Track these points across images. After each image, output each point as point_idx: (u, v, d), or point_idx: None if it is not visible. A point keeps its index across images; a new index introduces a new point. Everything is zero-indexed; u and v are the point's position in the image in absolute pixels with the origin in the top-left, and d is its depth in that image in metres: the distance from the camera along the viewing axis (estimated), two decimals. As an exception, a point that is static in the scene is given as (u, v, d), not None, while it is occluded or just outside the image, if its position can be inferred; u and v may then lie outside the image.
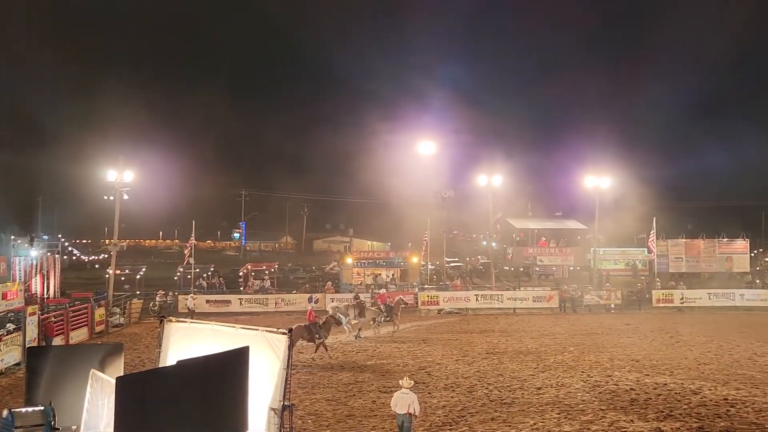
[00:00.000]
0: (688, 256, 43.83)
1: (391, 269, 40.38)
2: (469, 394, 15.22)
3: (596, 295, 35.15)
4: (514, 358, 19.98)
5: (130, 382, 6.89)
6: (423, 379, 16.87)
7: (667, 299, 34.79)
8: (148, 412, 6.47)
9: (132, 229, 66.12)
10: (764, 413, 13.25)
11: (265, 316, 30.84)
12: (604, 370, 17.92)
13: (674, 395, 14.83)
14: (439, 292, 35.57)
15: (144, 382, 7.08)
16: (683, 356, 20.04)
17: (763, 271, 48.56)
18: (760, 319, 29.95)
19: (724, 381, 16.33)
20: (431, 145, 41.21)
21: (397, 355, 20.69)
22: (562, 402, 14.32)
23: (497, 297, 34.53)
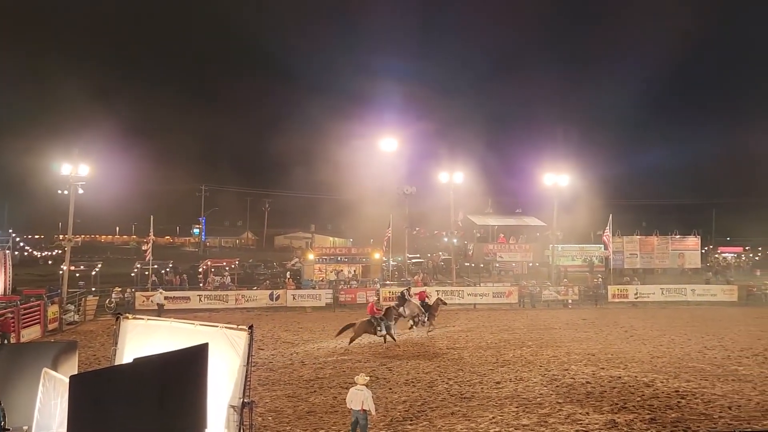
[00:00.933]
0: (642, 253, 45.19)
1: (353, 265, 40.38)
2: (429, 388, 15.34)
3: (554, 291, 35.83)
4: (474, 353, 20.22)
5: (85, 380, 6.73)
6: (384, 374, 16.94)
7: (622, 294, 35.69)
8: (103, 411, 6.33)
9: (87, 224, 64.45)
10: (712, 404, 13.74)
11: (225, 313, 30.47)
12: (562, 364, 18.30)
13: (628, 388, 15.24)
14: (401, 288, 35.70)
15: (99, 380, 6.92)
16: (637, 350, 20.59)
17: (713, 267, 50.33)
18: (710, 314, 31.01)
19: (676, 374, 16.85)
20: (393, 141, 41.32)
21: (358, 351, 20.69)
22: (521, 396, 14.57)
23: (458, 293, 34.85)
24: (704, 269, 47.57)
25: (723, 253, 66.44)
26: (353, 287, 35.95)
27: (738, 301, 35.54)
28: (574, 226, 47.87)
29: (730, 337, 23.28)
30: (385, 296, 34.15)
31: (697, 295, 36.00)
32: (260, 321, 27.48)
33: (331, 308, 33.07)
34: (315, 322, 28.31)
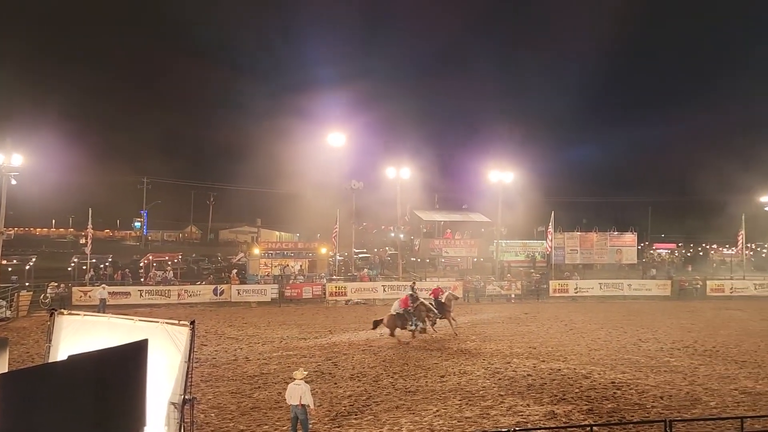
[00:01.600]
0: (582, 249, 46.62)
1: (299, 260, 40.10)
2: (374, 383, 15.40)
3: (498, 286, 36.56)
4: (419, 347, 20.41)
5: (16, 379, 6.43)
6: (329, 369, 16.90)
7: (563, 289, 36.74)
8: (36, 410, 6.06)
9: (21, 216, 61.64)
10: (646, 394, 14.32)
11: (167, 308, 29.79)
12: (504, 357, 18.70)
13: (567, 380, 15.71)
14: (347, 283, 35.72)
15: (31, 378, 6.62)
16: (576, 343, 21.24)
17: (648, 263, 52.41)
18: (645, 308, 32.29)
19: (612, 365, 17.47)
20: (340, 136, 41.20)
21: (303, 346, 20.59)
22: (464, 389, 14.80)
23: (404, 287, 35.06)
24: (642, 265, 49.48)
25: (657, 249, 69.32)
26: (299, 282, 35.72)
27: (671, 295, 37.14)
28: (517, 222, 49.00)
29: (663, 330, 24.31)
30: (332, 291, 34.11)
31: (633, 290, 37.41)
32: (203, 316, 26.98)
33: (277, 303, 32.77)
34: (260, 317, 27.99)
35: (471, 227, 50.27)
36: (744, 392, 14.58)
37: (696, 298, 36.54)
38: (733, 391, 14.64)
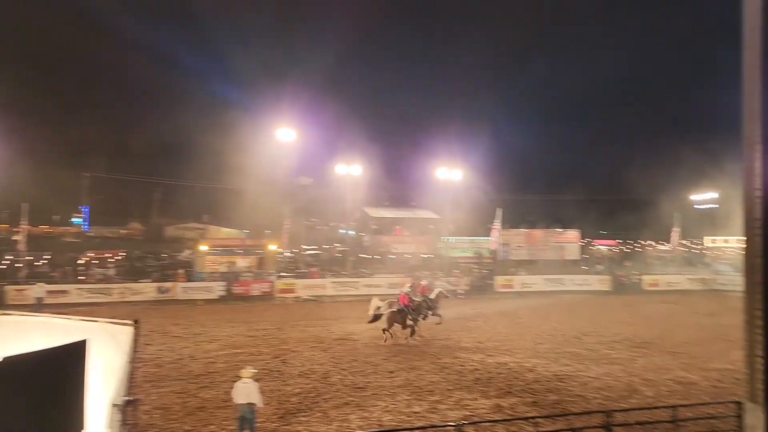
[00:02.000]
0: (527, 245, 47.69)
1: (247, 257, 39.58)
2: (323, 380, 15.39)
3: (446, 282, 36.99)
4: (369, 343, 20.50)
5: (-56, 383, 6.13)
6: (278, 367, 16.78)
7: (508, 285, 37.53)
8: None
9: (-52, 211, 58.47)
10: (587, 386, 14.81)
11: (108, 307, 28.90)
12: (452, 352, 18.98)
13: (513, 373, 16.08)
14: (297, 279, 35.50)
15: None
16: (522, 337, 21.76)
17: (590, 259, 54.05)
18: (587, 302, 33.35)
19: (556, 359, 17.99)
20: (290, 132, 40.80)
21: (251, 344, 20.36)
22: (413, 384, 14.96)
23: (353, 284, 35.18)
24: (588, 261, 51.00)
25: (598, 245, 71.55)
26: (248, 279, 35.27)
27: (610, 289, 38.46)
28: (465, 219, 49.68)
29: (603, 323, 25.17)
30: (281, 288, 33.81)
31: (576, 285, 38.58)
32: (147, 315, 26.23)
33: (225, 301, 32.27)
34: (207, 315, 27.53)
35: (420, 224, 50.74)
36: (678, 382, 15.27)
37: (634, 293, 37.97)
38: (667, 381, 15.31)
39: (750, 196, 4.15)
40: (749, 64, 4.17)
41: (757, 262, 4.14)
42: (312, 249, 48.08)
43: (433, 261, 47.29)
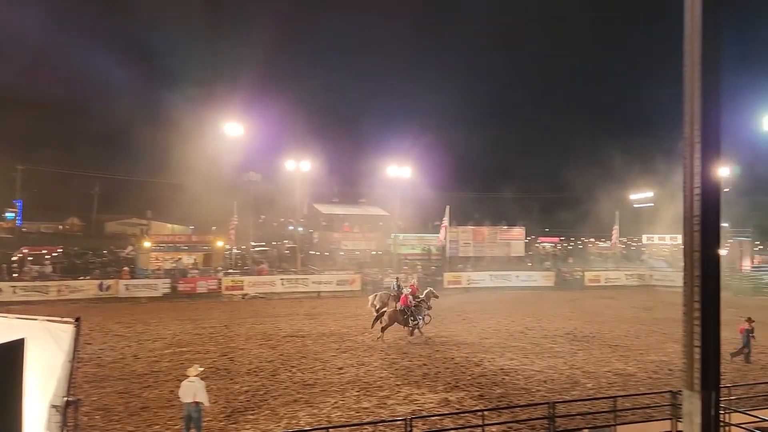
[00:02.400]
0: (474, 242, 48.43)
1: (193, 253, 38.80)
2: (272, 377, 15.26)
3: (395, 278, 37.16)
4: (318, 340, 20.43)
5: None
6: (225, 365, 16.54)
7: (456, 281, 38.05)
8: None
9: None
10: (531, 379, 15.20)
11: (45, 305, 27.79)
12: (401, 347, 19.13)
13: (460, 368, 16.34)
14: (244, 276, 35.02)
15: None
16: (468, 332, 22.12)
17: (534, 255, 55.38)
18: (531, 298, 34.18)
19: (501, 353, 18.38)
20: (238, 126, 40.14)
21: (198, 342, 19.99)
22: (362, 380, 15.01)
23: (302, 281, 34.96)
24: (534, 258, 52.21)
25: (542, 242, 73.39)
26: (194, 276, 34.55)
27: (554, 285, 39.52)
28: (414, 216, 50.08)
29: (547, 318, 25.85)
30: (228, 285, 33.28)
31: (521, 281, 39.45)
32: (87, 313, 25.33)
33: (169, 298, 31.53)
34: (150, 313, 26.83)
35: (369, 221, 50.83)
36: (616, 374, 15.85)
37: (576, 288, 39.13)
38: (607, 373, 15.88)
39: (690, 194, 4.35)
40: (689, 68, 4.37)
41: (696, 257, 4.34)
42: (260, 246, 47.52)
43: (383, 258, 47.50)
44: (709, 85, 4.27)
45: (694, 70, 4.32)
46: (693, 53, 4.34)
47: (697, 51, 4.29)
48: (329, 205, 52.44)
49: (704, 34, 4.25)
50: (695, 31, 4.31)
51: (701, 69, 4.27)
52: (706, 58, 4.26)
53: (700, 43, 4.26)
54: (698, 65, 4.29)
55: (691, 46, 4.36)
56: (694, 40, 4.32)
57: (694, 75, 4.31)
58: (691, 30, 4.34)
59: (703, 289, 4.29)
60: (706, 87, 4.26)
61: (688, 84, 4.36)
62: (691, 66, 4.35)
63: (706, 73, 4.27)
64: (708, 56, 4.28)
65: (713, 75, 4.29)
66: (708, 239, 4.31)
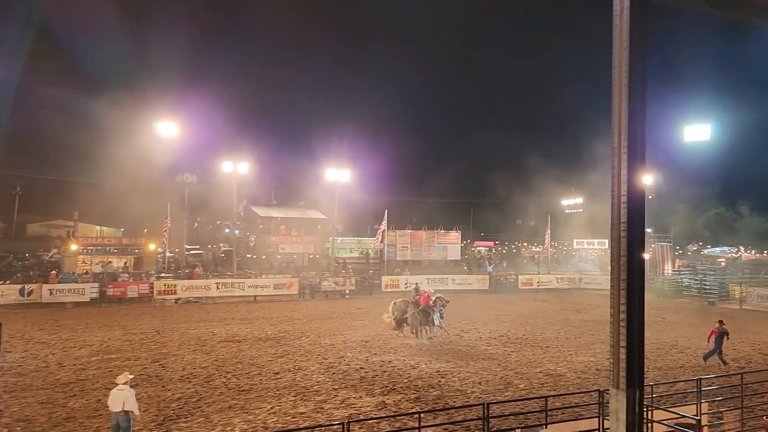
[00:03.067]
0: (412, 245, 49.00)
1: (123, 257, 37.44)
2: (206, 383, 14.92)
3: (333, 282, 37.14)
4: (254, 344, 20.13)
5: None
6: (157, 372, 16.05)
7: (394, 284, 38.27)
8: None
9: None
10: (466, 381, 15.49)
11: (-40, 312, 26.15)
12: (338, 352, 19.09)
13: (397, 371, 16.47)
14: (177, 280, 34.06)
15: None
16: (406, 336, 22.26)
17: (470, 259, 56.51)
18: (467, 300, 34.75)
19: (437, 356, 18.63)
20: (172, 126, 39.02)
21: (128, 349, 19.30)
22: (299, 384, 14.89)
23: (238, 285, 34.33)
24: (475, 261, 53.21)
25: (478, 246, 74.97)
26: (124, 280, 33.32)
27: (489, 288, 40.38)
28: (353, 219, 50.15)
29: (481, 321, 26.40)
30: (160, 289, 32.29)
31: (457, 284, 40.08)
32: (7, 320, 23.85)
33: (97, 303, 30.29)
34: (77, 319, 25.71)
35: (307, 224, 50.49)
36: (547, 374, 16.37)
37: (510, 291, 40.11)
38: (538, 374, 16.38)
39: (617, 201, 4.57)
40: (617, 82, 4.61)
41: (623, 261, 4.56)
42: (195, 249, 46.37)
43: (320, 261, 47.29)
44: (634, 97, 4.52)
45: (621, 83, 4.56)
46: (620, 68, 4.58)
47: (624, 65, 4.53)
48: (267, 208, 51.77)
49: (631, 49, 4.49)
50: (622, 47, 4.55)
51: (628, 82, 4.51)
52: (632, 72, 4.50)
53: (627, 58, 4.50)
54: (625, 79, 4.53)
55: (619, 61, 4.59)
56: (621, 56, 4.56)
57: (621, 88, 4.55)
58: (619, 46, 4.58)
59: (628, 292, 4.51)
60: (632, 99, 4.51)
61: (616, 96, 4.59)
62: (619, 79, 4.59)
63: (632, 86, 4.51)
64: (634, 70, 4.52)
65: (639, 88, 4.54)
66: (633, 244, 4.54)
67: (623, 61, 4.50)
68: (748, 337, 22.79)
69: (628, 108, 4.47)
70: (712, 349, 17.72)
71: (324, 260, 46.32)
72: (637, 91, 4.52)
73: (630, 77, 4.47)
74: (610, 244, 4.72)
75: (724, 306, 33.66)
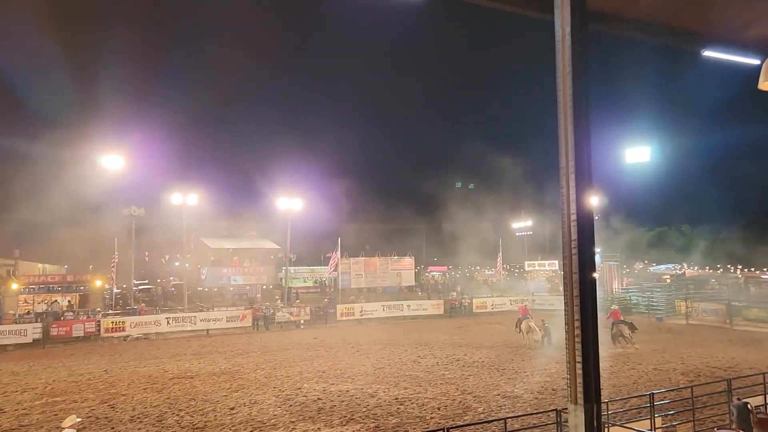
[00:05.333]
0: (366, 273, 48.91)
1: (68, 294, 36.02)
2: (158, 423, 14.38)
3: (287, 312, 36.61)
4: (207, 380, 19.57)
5: None
6: (106, 413, 15.38)
7: (349, 313, 38.01)
8: None
9: None
10: (425, 407, 15.43)
11: None
12: (295, 383, 18.75)
13: (355, 400, 16.27)
14: (126, 317, 32.91)
15: None
16: (362, 364, 22.10)
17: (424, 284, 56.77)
18: (423, 326, 34.85)
19: (395, 383, 18.52)
20: (117, 159, 38.12)
21: (74, 390, 18.45)
22: (255, 419, 14.52)
23: (190, 319, 33.41)
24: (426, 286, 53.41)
25: (432, 271, 75.44)
26: (68, 319, 31.98)
27: (443, 313, 40.54)
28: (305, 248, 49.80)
29: (438, 345, 26.43)
30: (108, 327, 31.10)
31: (412, 310, 40.12)
32: (-59, 366, 22.77)
33: (41, 344, 28.93)
34: (18, 361, 24.47)
35: (260, 254, 49.87)
36: (505, 396, 16.47)
37: (464, 315, 40.37)
38: (496, 396, 16.45)
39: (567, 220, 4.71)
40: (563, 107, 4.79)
41: (575, 278, 4.69)
42: (144, 284, 45.05)
43: (274, 292, 46.64)
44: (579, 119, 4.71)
45: (566, 105, 4.74)
46: (564, 91, 4.77)
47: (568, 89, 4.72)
48: (218, 240, 50.92)
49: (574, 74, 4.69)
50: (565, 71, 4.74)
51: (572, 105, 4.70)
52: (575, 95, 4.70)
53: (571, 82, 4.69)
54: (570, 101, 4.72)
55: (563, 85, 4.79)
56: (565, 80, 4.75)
57: (566, 110, 4.73)
58: (562, 71, 4.78)
59: (582, 308, 4.63)
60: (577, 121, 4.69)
61: (562, 118, 4.77)
62: (564, 102, 4.77)
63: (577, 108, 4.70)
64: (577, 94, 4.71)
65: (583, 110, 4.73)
66: (584, 261, 4.68)
67: (567, 84, 4.69)
68: (695, 351, 23.55)
69: (573, 130, 4.65)
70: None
71: (278, 290, 45.72)
72: (581, 114, 4.71)
73: (574, 100, 4.66)
74: (562, 261, 4.84)
75: (671, 321, 34.74)
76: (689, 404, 12.72)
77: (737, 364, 20.60)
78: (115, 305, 36.52)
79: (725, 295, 38.36)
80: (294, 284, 46.63)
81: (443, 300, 42.66)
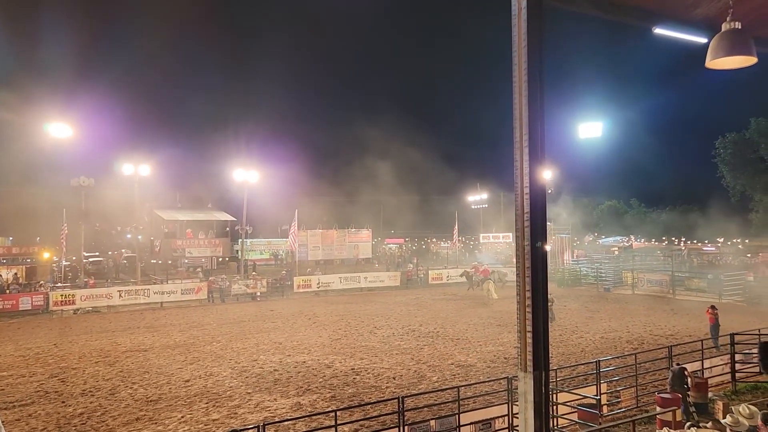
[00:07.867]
0: (324, 245, 48.90)
1: (13, 267, 34.89)
2: (111, 396, 14.19)
3: (244, 285, 36.38)
4: (161, 353, 19.36)
5: None
6: (55, 387, 15.09)
7: (306, 285, 38.03)
8: None
9: None
10: (381, 377, 15.66)
11: None
12: (251, 355, 18.74)
13: (311, 371, 16.39)
14: (75, 290, 32.13)
15: None
16: (319, 335, 22.22)
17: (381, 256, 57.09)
18: (379, 297, 35.16)
19: (352, 354, 18.70)
20: (65, 127, 36.66)
21: (22, 364, 18.00)
22: (211, 391, 14.49)
23: (143, 292, 32.85)
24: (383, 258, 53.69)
25: (389, 243, 75.88)
26: (14, 293, 31.03)
27: (400, 285, 40.98)
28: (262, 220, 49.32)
29: (394, 317, 26.75)
30: (57, 300, 30.32)
31: (369, 282, 40.40)
32: None
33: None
34: (-39, 336, 23.68)
35: (216, 226, 49.17)
36: (459, 365, 16.85)
37: (420, 287, 40.91)
38: (450, 366, 16.82)
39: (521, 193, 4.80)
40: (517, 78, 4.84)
41: (527, 249, 4.80)
42: (94, 256, 43.93)
43: (230, 264, 46.20)
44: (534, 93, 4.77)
45: (521, 80, 4.79)
46: (519, 65, 4.81)
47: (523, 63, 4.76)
48: (171, 211, 49.91)
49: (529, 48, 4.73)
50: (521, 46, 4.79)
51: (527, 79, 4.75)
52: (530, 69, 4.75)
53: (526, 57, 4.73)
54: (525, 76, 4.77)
55: (518, 59, 4.83)
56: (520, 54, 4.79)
57: (521, 84, 4.78)
58: (518, 45, 4.82)
59: (533, 279, 4.76)
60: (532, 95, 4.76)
61: (517, 93, 4.83)
62: (519, 76, 4.82)
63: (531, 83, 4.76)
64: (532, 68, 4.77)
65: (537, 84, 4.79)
66: (536, 233, 4.79)
67: (522, 59, 4.73)
68: (639, 320, 24.51)
69: (528, 104, 4.72)
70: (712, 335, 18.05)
71: (234, 262, 45.30)
72: (535, 88, 4.77)
73: (529, 74, 4.72)
74: (515, 233, 4.95)
75: (618, 292, 35.99)
76: (633, 370, 13.28)
77: (678, 332, 21.56)
78: (65, 278, 35.54)
79: (669, 266, 39.87)
80: (251, 256, 46.22)
81: (400, 272, 43.07)
